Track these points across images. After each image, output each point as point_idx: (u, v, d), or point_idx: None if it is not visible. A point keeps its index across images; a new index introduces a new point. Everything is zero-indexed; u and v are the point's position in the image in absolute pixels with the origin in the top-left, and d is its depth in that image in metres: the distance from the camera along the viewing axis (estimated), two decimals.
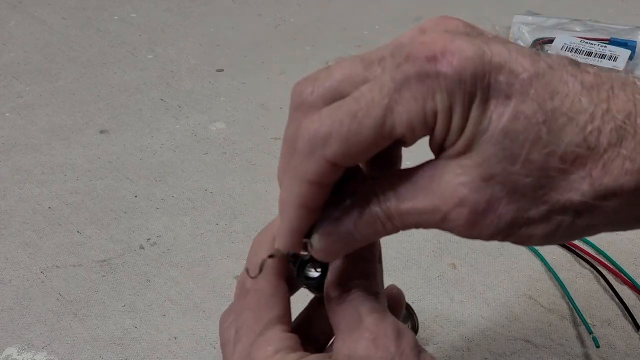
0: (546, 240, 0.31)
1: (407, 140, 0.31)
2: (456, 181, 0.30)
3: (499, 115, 0.29)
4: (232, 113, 0.85)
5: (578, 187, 0.30)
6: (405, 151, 0.36)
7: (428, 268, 0.63)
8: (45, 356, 0.56)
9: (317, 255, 0.34)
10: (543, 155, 0.29)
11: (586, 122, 0.29)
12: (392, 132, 0.30)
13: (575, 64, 0.31)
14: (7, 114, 0.85)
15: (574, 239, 0.32)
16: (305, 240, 0.34)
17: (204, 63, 0.95)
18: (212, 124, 0.83)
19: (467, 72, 0.29)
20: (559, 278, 0.60)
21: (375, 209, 0.32)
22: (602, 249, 0.63)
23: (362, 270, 0.36)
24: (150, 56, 0.96)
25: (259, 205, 0.70)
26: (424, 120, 0.30)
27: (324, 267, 0.37)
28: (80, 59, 0.96)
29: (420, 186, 0.31)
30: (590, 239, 0.64)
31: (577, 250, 0.63)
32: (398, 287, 0.43)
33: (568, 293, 0.59)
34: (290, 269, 0.38)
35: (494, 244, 0.65)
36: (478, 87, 0.29)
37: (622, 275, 0.60)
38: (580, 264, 0.63)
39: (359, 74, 0.32)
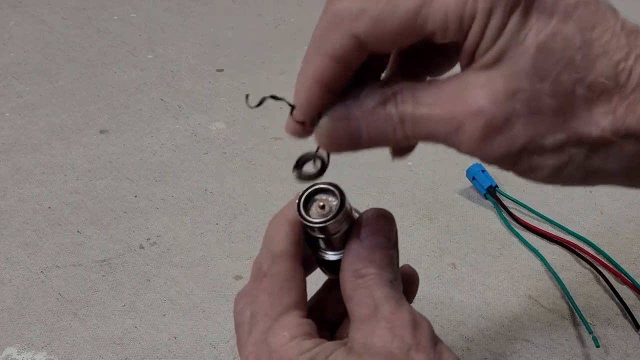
0: (553, 174, 0.31)
1: (436, 39, 0.30)
2: (479, 91, 0.30)
3: (538, 30, 0.29)
4: (232, 113, 0.85)
5: (599, 121, 0.29)
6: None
7: (428, 268, 0.63)
8: (45, 356, 0.56)
9: (322, 141, 0.34)
10: (572, 79, 0.29)
11: (620, 59, 0.29)
12: (424, 24, 0.29)
13: (617, 11, 0.31)
14: (7, 114, 0.85)
15: (580, 184, 0.32)
16: (314, 118, 0.33)
17: (204, 63, 0.95)
18: (212, 124, 0.83)
19: None
20: (559, 278, 0.60)
21: (391, 109, 0.31)
22: (602, 249, 0.63)
23: (378, 255, 0.36)
24: (150, 56, 0.96)
25: (259, 205, 0.70)
26: (460, 20, 0.29)
27: (341, 250, 0.37)
28: (80, 59, 0.96)
29: (441, 93, 0.31)
30: (590, 238, 0.64)
31: (577, 250, 0.63)
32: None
33: (568, 293, 0.59)
34: (306, 252, 0.38)
35: (494, 244, 0.65)
36: None
37: (622, 275, 0.60)
38: (580, 264, 0.63)
39: None
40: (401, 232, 0.66)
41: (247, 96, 0.35)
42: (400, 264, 0.63)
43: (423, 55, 0.35)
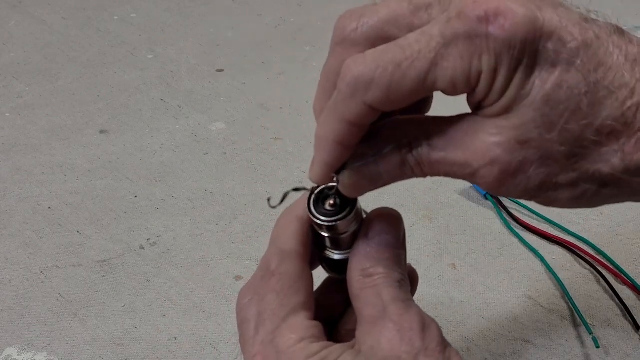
0: (570, 204, 0.32)
1: (447, 93, 0.31)
2: (491, 140, 0.31)
3: (543, 82, 0.30)
4: (232, 113, 0.85)
5: (609, 160, 0.30)
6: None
7: (428, 268, 0.63)
8: (45, 356, 0.56)
9: (344, 190, 0.34)
10: (580, 126, 0.30)
11: (626, 97, 0.30)
12: (433, 85, 0.31)
13: (621, 32, 0.31)
14: (7, 114, 0.85)
15: (598, 206, 0.33)
16: (334, 175, 0.34)
17: (204, 63, 0.95)
18: (212, 124, 0.83)
19: (517, 37, 0.29)
20: (559, 278, 0.60)
21: (407, 154, 0.33)
22: (602, 249, 0.63)
23: (386, 255, 0.36)
24: (150, 56, 0.96)
25: (259, 206, 0.70)
26: (467, 79, 0.30)
27: (348, 250, 0.37)
28: (80, 59, 0.96)
29: (453, 138, 0.32)
30: (590, 239, 0.64)
31: (577, 251, 0.63)
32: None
33: (568, 293, 0.59)
34: (314, 252, 0.38)
35: (494, 244, 0.65)
36: (526, 53, 0.29)
37: (622, 275, 0.60)
38: (580, 264, 0.63)
39: (405, 17, 0.32)
40: None
41: (268, 200, 0.37)
42: None
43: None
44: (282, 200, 0.36)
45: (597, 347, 0.54)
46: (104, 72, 0.93)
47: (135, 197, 0.72)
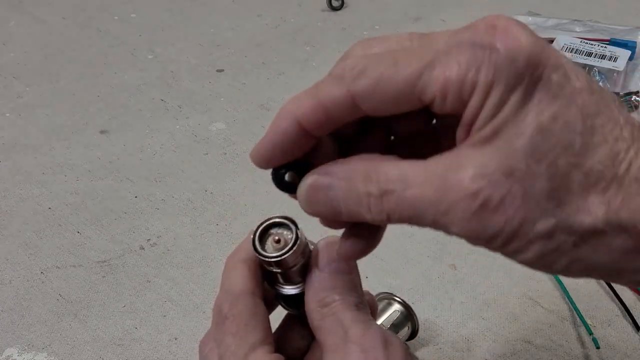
0: (539, 259, 0.30)
1: (435, 108, 0.29)
2: (475, 171, 0.28)
3: (540, 110, 0.28)
4: (232, 113, 0.85)
5: (592, 211, 0.28)
6: None
7: (428, 269, 0.63)
8: (45, 357, 0.56)
9: (301, 204, 0.33)
10: (569, 164, 0.28)
11: (620, 150, 0.29)
12: (423, 90, 0.29)
13: (622, 103, 0.30)
14: (7, 114, 0.85)
15: (559, 272, 0.31)
16: (283, 172, 0.34)
17: (204, 63, 0.95)
18: (212, 124, 0.83)
19: (521, 55, 0.28)
20: (559, 279, 0.60)
21: (370, 187, 0.31)
22: None
23: (339, 282, 0.36)
24: (150, 56, 0.96)
25: (259, 206, 0.70)
26: (460, 89, 0.29)
27: (300, 283, 0.37)
28: (80, 59, 0.96)
29: (432, 173, 0.29)
30: None
31: None
32: (372, 292, 0.42)
33: (568, 294, 0.59)
34: (267, 289, 0.38)
35: None
36: (527, 75, 0.28)
37: None
38: None
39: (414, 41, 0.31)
40: (401, 233, 0.66)
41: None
42: (400, 264, 0.63)
43: (413, 139, 0.35)
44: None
45: (598, 347, 0.54)
46: (104, 72, 0.93)
47: (136, 197, 0.72)
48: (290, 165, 0.34)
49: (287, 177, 0.34)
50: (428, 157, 0.31)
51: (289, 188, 0.34)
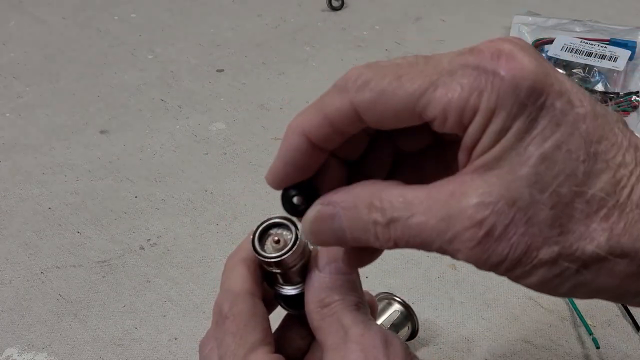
0: (543, 284, 0.30)
1: (435, 127, 0.30)
2: (478, 200, 0.29)
3: (543, 139, 0.28)
4: (232, 113, 0.85)
5: (595, 238, 0.29)
6: None
7: (428, 269, 0.63)
8: (45, 357, 0.56)
9: (305, 234, 0.34)
10: (572, 192, 0.29)
11: (623, 176, 0.29)
12: (424, 109, 0.29)
13: (626, 124, 0.31)
14: (7, 114, 0.85)
15: (564, 295, 0.31)
16: (292, 194, 0.33)
17: (204, 63, 0.95)
18: (212, 124, 0.83)
19: (525, 83, 0.28)
20: None
21: (376, 215, 0.31)
22: None
23: (339, 282, 0.36)
24: (150, 56, 0.96)
25: (259, 206, 0.70)
26: (460, 113, 0.29)
27: (300, 284, 0.37)
28: (80, 59, 0.96)
29: (437, 201, 0.30)
30: None
31: None
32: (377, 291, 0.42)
33: None
34: (267, 290, 0.38)
35: None
36: (531, 103, 0.28)
37: None
38: None
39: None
40: None
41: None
42: (401, 264, 0.63)
43: (419, 156, 0.35)
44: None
45: (598, 347, 0.55)
46: (104, 72, 0.93)
47: (135, 197, 0.72)
48: (300, 186, 0.34)
49: (295, 200, 0.34)
50: (435, 174, 0.31)
51: (297, 212, 0.34)
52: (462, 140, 0.30)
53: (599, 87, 0.84)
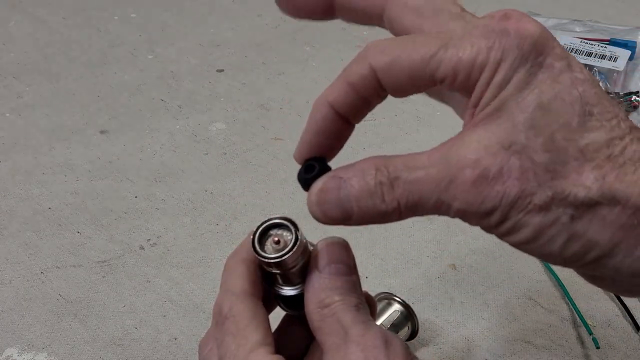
0: (537, 238, 0.31)
1: (445, 86, 0.32)
2: (474, 145, 0.31)
3: (542, 90, 0.30)
4: (232, 113, 0.85)
5: (587, 185, 0.30)
6: None
7: (428, 269, 0.63)
8: (45, 357, 0.56)
9: (312, 210, 0.34)
10: (566, 139, 0.30)
11: (615, 136, 0.30)
12: (436, 69, 0.31)
13: (622, 109, 0.32)
14: (7, 114, 0.85)
15: (564, 258, 0.32)
16: (312, 163, 0.35)
17: (204, 63, 0.95)
18: (212, 124, 0.83)
19: (528, 40, 0.30)
20: (559, 279, 0.60)
21: (381, 177, 0.32)
22: None
23: (339, 283, 0.36)
24: (150, 56, 0.96)
25: (259, 206, 0.70)
26: (470, 69, 0.31)
27: (300, 284, 0.37)
28: (80, 59, 0.96)
29: (436, 155, 0.32)
30: None
31: None
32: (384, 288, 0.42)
33: (568, 294, 0.59)
34: (266, 290, 0.38)
35: (495, 244, 0.65)
36: (532, 58, 0.30)
37: None
38: None
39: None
40: (401, 233, 0.66)
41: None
42: (401, 264, 0.63)
43: None
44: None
45: (597, 347, 0.55)
46: (104, 72, 0.93)
47: (136, 197, 0.72)
48: (318, 159, 0.35)
49: (307, 170, 0.35)
50: None
51: (306, 182, 0.35)
52: (469, 102, 0.32)
53: None
